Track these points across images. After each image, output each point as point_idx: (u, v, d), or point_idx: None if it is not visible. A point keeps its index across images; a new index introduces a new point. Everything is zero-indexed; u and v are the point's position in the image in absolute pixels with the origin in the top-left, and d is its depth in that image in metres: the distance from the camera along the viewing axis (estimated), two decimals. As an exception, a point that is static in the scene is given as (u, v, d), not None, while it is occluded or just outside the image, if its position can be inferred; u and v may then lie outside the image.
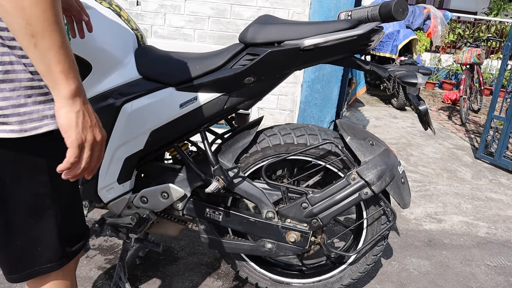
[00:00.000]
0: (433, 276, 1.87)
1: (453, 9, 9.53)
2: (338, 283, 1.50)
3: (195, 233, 1.99)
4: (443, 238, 2.23)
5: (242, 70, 1.20)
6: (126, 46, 1.32)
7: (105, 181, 1.40)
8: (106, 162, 1.37)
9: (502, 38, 7.43)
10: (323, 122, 2.57)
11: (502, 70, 3.52)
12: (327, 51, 1.20)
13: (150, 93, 1.29)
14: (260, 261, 1.58)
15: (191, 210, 1.42)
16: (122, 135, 1.33)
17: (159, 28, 2.58)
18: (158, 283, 1.63)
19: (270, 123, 2.56)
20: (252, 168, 1.39)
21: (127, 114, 1.30)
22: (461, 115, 4.91)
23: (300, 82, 2.52)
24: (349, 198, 1.33)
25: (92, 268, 1.67)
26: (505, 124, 3.39)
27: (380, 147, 1.35)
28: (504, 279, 1.90)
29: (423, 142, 4.11)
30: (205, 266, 1.77)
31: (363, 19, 1.17)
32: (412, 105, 1.31)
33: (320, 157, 1.36)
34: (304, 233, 1.37)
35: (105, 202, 1.44)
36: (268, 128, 1.40)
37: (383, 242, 1.45)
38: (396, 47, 5.13)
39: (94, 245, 1.84)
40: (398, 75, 1.21)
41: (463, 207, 2.67)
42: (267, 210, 1.37)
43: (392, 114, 5.27)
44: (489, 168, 3.48)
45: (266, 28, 1.20)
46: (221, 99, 1.27)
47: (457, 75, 7.73)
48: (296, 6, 2.44)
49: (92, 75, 1.31)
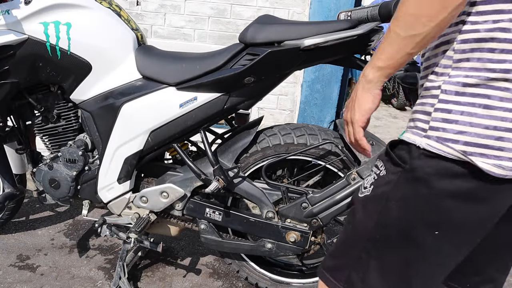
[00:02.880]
0: (433, 276, 1.87)
1: (453, 9, 9.52)
2: (338, 283, 1.50)
3: (195, 233, 1.98)
4: (443, 238, 2.22)
5: (242, 70, 1.20)
6: (126, 46, 1.32)
7: (105, 181, 1.40)
8: (106, 162, 1.37)
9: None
10: (323, 122, 2.57)
11: (502, 70, 3.52)
12: (327, 51, 1.20)
13: (150, 93, 1.29)
14: (260, 261, 1.58)
15: (191, 210, 1.42)
16: (122, 135, 1.33)
17: (159, 28, 2.58)
18: (158, 283, 1.63)
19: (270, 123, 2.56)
20: (252, 168, 1.39)
21: (127, 114, 1.30)
22: (461, 115, 4.91)
23: (300, 82, 2.52)
24: (349, 198, 1.33)
25: (92, 268, 1.67)
26: (505, 124, 3.38)
27: (380, 147, 1.35)
28: (504, 279, 1.90)
29: (423, 142, 4.10)
30: (205, 266, 1.77)
31: (363, 19, 1.17)
32: (412, 105, 1.31)
33: (320, 157, 1.36)
34: (304, 233, 1.37)
35: (105, 202, 1.44)
36: (268, 128, 1.40)
37: (383, 242, 1.45)
38: (396, 47, 5.13)
39: (94, 245, 1.84)
40: (398, 76, 1.21)
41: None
42: (267, 210, 1.37)
43: (392, 114, 5.27)
44: (489, 168, 3.47)
45: (266, 28, 1.20)
46: (221, 99, 1.27)
47: (457, 75, 7.73)
48: (296, 6, 2.44)
49: (92, 75, 1.31)
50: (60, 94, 1.41)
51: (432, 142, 0.65)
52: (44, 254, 1.73)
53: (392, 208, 0.72)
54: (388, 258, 0.74)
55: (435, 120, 0.65)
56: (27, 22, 1.24)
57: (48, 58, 1.28)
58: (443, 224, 0.68)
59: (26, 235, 1.86)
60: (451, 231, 0.68)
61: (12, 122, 1.52)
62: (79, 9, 1.26)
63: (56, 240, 1.84)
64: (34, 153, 1.57)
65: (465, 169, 0.63)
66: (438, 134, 0.64)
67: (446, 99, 0.64)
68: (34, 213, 2.05)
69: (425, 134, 0.66)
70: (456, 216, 0.67)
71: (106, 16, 1.31)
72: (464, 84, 0.62)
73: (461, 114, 0.62)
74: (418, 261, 0.72)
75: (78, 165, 1.41)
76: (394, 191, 0.71)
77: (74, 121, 1.44)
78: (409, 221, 0.70)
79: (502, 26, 0.59)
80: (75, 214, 2.07)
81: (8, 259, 1.68)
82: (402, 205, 0.71)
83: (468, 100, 0.62)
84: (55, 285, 1.56)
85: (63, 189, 1.44)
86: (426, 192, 0.67)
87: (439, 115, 0.64)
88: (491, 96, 0.60)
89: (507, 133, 0.60)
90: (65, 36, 1.25)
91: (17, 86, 1.34)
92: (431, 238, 0.69)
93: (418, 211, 0.69)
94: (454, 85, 0.63)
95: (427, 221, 0.69)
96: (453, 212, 0.66)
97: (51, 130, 1.46)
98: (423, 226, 0.69)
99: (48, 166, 1.46)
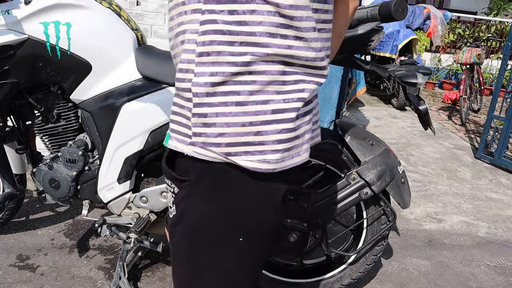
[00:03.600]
0: (433, 276, 1.87)
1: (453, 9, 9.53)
2: (338, 283, 1.50)
3: (195, 233, 1.99)
4: (443, 238, 2.23)
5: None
6: (126, 46, 1.32)
7: (105, 181, 1.40)
8: (106, 162, 1.37)
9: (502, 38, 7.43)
10: (323, 122, 2.57)
11: (502, 70, 3.52)
12: (327, 51, 1.20)
13: (150, 93, 1.29)
14: (260, 261, 1.58)
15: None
16: (122, 135, 1.33)
17: (159, 28, 2.58)
18: (158, 283, 1.63)
19: (270, 123, 2.56)
20: (252, 168, 1.39)
21: (127, 114, 1.30)
22: (461, 115, 4.91)
23: (300, 82, 2.52)
24: (349, 198, 1.33)
25: (92, 268, 1.67)
26: (505, 124, 3.39)
27: (380, 147, 1.35)
28: (504, 279, 1.90)
29: (423, 142, 4.11)
30: (205, 266, 1.77)
31: (363, 19, 1.17)
32: (412, 105, 1.31)
33: (320, 157, 1.36)
34: (304, 233, 1.37)
35: (105, 202, 1.44)
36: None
37: (383, 242, 1.45)
38: (396, 47, 5.13)
39: (94, 245, 1.84)
40: (398, 75, 1.21)
41: (463, 207, 2.67)
42: (267, 210, 1.36)
43: (392, 114, 5.26)
44: (489, 168, 3.48)
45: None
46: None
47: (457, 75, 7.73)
48: (296, 6, 2.44)
49: (92, 75, 1.31)
50: (60, 94, 1.41)
51: (198, 149, 0.61)
52: (44, 254, 1.73)
53: (193, 223, 0.67)
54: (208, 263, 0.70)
55: (195, 126, 0.61)
56: (27, 22, 1.24)
57: (48, 58, 1.28)
58: (242, 229, 0.66)
59: (26, 235, 1.85)
60: (249, 233, 0.67)
61: (12, 122, 1.52)
62: (79, 9, 1.26)
63: (56, 240, 1.84)
64: (34, 153, 1.57)
65: (241, 171, 0.61)
66: (202, 139, 0.61)
67: (200, 103, 0.60)
68: (34, 213, 2.05)
69: (190, 141, 0.62)
70: (246, 219, 0.65)
71: (106, 16, 1.31)
72: (213, 84, 0.59)
73: (216, 116, 0.60)
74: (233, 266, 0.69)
75: (78, 165, 1.42)
76: (189, 206, 0.67)
77: (74, 121, 1.44)
78: (212, 230, 0.67)
79: (238, 19, 0.57)
80: (75, 214, 2.06)
81: (8, 259, 1.68)
82: (200, 217, 0.66)
83: (220, 100, 0.59)
84: (55, 285, 1.56)
85: (63, 189, 1.44)
86: (216, 199, 0.64)
87: (198, 120, 0.61)
88: (240, 92, 0.59)
89: (264, 126, 0.59)
90: (65, 36, 1.25)
91: (17, 86, 1.34)
92: (238, 244, 0.67)
93: (215, 220, 0.66)
94: (203, 86, 0.59)
95: (229, 230, 0.66)
96: (243, 215, 0.65)
97: (51, 130, 1.46)
98: (227, 235, 0.66)
99: (48, 166, 1.46)
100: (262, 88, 0.59)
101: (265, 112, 0.59)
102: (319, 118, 0.69)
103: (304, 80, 0.62)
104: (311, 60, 0.61)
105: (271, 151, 0.60)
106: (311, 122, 0.66)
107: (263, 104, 0.59)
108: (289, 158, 0.63)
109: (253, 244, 0.69)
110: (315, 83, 0.63)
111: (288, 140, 0.61)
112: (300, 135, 0.63)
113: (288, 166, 0.63)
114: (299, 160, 0.64)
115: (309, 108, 0.65)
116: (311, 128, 0.66)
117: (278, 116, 0.60)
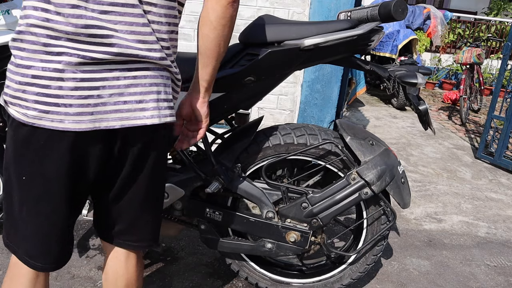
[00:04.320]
0: (433, 276, 1.87)
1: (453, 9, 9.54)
2: (338, 283, 1.50)
3: (195, 233, 1.99)
4: (443, 238, 2.23)
5: (242, 70, 1.20)
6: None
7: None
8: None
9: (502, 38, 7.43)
10: (323, 122, 2.57)
11: (502, 70, 3.52)
12: (327, 51, 1.20)
13: None
14: (260, 261, 1.58)
15: (191, 210, 1.42)
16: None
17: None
18: (158, 283, 1.63)
19: (270, 123, 2.56)
20: (252, 168, 1.39)
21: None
22: (461, 115, 4.91)
23: (300, 82, 2.52)
24: (349, 198, 1.33)
25: (92, 268, 1.67)
26: (505, 124, 3.39)
27: (380, 147, 1.35)
28: (504, 279, 1.90)
29: (423, 142, 4.11)
30: (205, 266, 1.77)
31: (363, 19, 1.17)
32: (412, 105, 1.31)
33: (320, 157, 1.36)
34: (304, 233, 1.37)
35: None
36: (268, 128, 1.40)
37: (383, 242, 1.45)
38: (396, 47, 5.13)
39: (94, 245, 1.84)
40: (398, 75, 1.21)
41: (463, 207, 2.67)
42: (267, 210, 1.37)
43: (392, 114, 5.27)
44: (489, 168, 3.48)
45: (266, 28, 1.20)
46: (221, 99, 1.27)
47: (457, 75, 7.73)
48: (296, 6, 2.44)
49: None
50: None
51: (1, 98, 0.81)
52: (44, 254, 1.73)
53: (7, 156, 0.85)
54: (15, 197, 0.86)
55: (6, 79, 0.79)
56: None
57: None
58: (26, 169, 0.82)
59: (26, 235, 1.85)
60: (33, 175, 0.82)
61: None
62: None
63: (56, 240, 1.84)
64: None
65: (24, 125, 0.78)
66: (5, 90, 0.79)
67: (11, 62, 0.78)
68: (34, 213, 2.05)
69: (4, 91, 0.80)
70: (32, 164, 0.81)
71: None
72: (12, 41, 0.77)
73: (8, 71, 0.78)
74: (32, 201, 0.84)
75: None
76: (8, 140, 0.84)
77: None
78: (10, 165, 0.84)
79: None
80: (75, 214, 2.06)
81: (8, 259, 1.68)
82: (8, 152, 0.84)
83: (11, 58, 0.77)
84: (55, 285, 1.56)
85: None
86: (15, 139, 0.81)
87: (8, 76, 0.78)
88: (16, 56, 0.76)
89: (27, 86, 0.75)
90: (65, 36, 1.25)
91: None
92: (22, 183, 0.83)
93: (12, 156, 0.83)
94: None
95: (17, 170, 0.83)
96: (28, 159, 0.81)
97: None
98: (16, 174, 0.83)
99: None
100: (29, 55, 0.75)
101: (27, 75, 0.75)
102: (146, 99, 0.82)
103: (67, 53, 0.74)
104: (72, 34, 0.73)
105: (33, 108, 0.76)
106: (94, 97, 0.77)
107: (27, 69, 0.75)
108: (49, 121, 0.76)
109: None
110: (80, 57, 0.74)
111: (44, 103, 0.75)
112: (62, 104, 0.75)
113: (48, 126, 0.76)
114: (61, 126, 0.76)
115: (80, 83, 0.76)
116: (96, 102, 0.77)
117: (36, 81, 0.75)
